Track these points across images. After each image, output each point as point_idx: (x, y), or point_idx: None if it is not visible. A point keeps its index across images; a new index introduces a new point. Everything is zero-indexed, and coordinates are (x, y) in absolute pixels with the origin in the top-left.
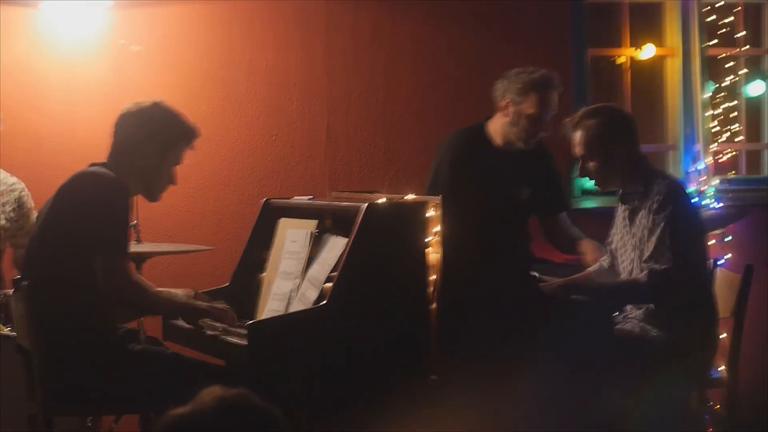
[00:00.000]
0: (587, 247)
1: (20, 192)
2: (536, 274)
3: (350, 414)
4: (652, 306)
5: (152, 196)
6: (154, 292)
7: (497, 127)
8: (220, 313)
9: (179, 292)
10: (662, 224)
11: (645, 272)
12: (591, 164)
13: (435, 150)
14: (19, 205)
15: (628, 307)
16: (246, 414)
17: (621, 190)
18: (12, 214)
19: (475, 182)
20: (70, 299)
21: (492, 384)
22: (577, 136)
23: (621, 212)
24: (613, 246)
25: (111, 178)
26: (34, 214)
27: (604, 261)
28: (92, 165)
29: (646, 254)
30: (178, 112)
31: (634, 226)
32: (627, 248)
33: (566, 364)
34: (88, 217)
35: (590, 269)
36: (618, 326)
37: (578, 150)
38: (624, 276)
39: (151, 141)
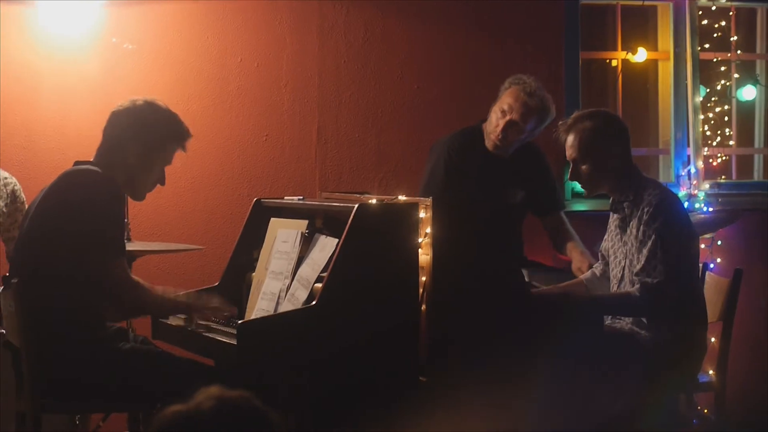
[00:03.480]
0: (573, 253)
1: (13, 186)
2: (528, 280)
3: (338, 415)
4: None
5: (138, 195)
6: (152, 291)
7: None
8: (218, 312)
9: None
10: (653, 236)
11: (637, 286)
12: (583, 167)
13: (429, 151)
14: (12, 199)
15: None
16: (245, 416)
17: (611, 199)
18: (5, 209)
19: (469, 184)
20: (60, 297)
21: (481, 386)
22: (571, 138)
23: (613, 220)
24: (606, 252)
25: (103, 176)
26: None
27: (597, 268)
28: (78, 163)
29: (638, 267)
30: (172, 111)
31: (626, 234)
32: (618, 255)
33: (557, 364)
34: (81, 216)
35: (582, 277)
36: (607, 324)
37: (571, 153)
38: (613, 282)
39: (140, 139)
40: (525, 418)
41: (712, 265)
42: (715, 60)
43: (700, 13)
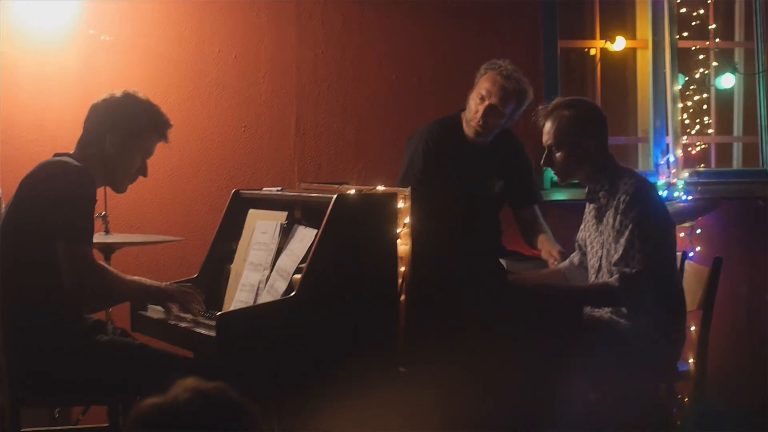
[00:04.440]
0: (543, 244)
1: None
2: (503, 264)
3: (318, 406)
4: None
5: (118, 186)
6: (118, 276)
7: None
8: (187, 296)
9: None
10: (630, 226)
11: (616, 276)
12: (558, 154)
13: (407, 141)
14: None
15: None
16: (222, 408)
17: (586, 189)
18: None
19: (447, 173)
20: (37, 289)
21: (461, 377)
22: (548, 125)
23: (589, 210)
24: (582, 242)
25: (75, 166)
26: (3, 206)
27: (574, 257)
28: (56, 155)
29: (615, 257)
30: (151, 102)
31: (602, 224)
32: (595, 246)
33: (535, 354)
34: (51, 204)
35: (560, 265)
36: (586, 313)
37: (547, 139)
38: (591, 273)
39: (118, 129)
40: (504, 408)
41: (691, 254)
42: (693, 48)
43: (679, 1)
